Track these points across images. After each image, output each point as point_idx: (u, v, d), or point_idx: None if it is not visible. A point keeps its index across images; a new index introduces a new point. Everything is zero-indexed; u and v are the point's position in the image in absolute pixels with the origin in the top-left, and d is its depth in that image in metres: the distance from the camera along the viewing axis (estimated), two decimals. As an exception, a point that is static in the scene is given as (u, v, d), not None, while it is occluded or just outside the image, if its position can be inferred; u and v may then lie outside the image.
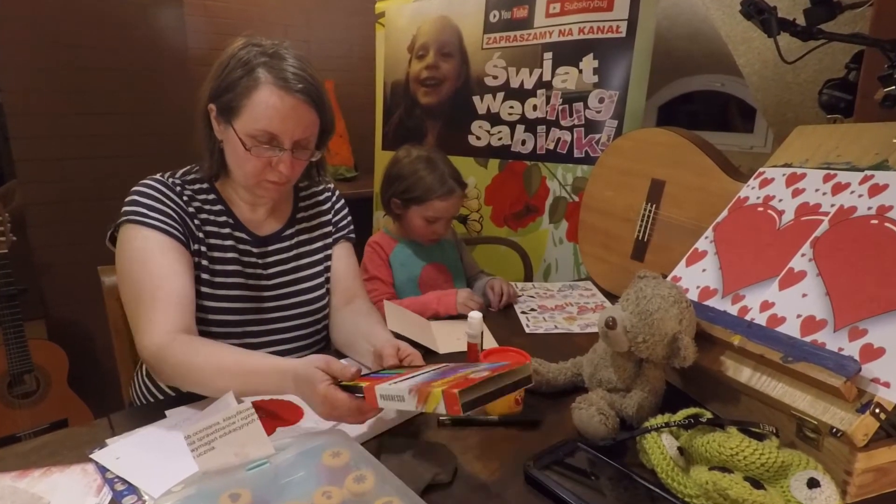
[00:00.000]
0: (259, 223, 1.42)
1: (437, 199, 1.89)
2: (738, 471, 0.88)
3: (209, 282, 1.32)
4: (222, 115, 1.26)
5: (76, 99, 2.88)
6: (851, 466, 0.88)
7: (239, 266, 1.36)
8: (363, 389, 0.97)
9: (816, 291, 1.02)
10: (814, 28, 1.53)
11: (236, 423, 0.91)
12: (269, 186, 1.31)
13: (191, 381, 1.15)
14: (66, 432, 1.11)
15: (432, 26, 2.98)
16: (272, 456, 0.91)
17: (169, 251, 1.25)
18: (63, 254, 2.91)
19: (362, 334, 1.35)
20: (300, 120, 1.25)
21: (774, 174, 1.31)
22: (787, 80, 2.48)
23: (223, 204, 1.38)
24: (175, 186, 1.32)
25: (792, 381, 0.97)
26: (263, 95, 1.21)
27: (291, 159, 1.27)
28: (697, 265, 1.28)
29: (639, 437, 0.99)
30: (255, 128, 1.22)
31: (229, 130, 1.25)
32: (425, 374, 0.99)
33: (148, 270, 1.22)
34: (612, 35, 2.45)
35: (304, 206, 1.51)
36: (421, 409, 0.88)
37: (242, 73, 1.22)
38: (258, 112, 1.21)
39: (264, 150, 1.24)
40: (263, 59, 1.23)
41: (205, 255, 1.32)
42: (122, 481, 0.95)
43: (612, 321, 1.08)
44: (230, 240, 1.36)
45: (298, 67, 1.24)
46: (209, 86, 1.27)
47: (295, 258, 1.45)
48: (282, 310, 1.41)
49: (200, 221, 1.33)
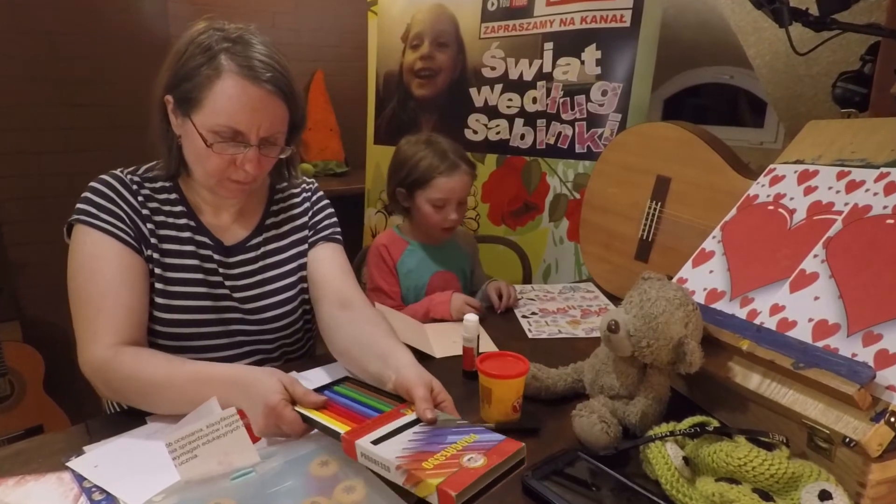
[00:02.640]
0: (223, 229, 1.37)
1: (441, 177, 1.86)
2: (747, 482, 0.88)
3: (163, 291, 1.27)
4: (180, 107, 1.21)
5: (51, 89, 2.87)
6: (865, 478, 0.88)
7: (200, 274, 1.31)
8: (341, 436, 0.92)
9: (829, 294, 1.02)
10: (827, 18, 1.53)
11: (220, 430, 0.91)
12: (233, 186, 1.26)
13: (138, 395, 1.13)
14: (41, 439, 1.11)
15: (427, 15, 2.98)
16: (258, 465, 0.91)
17: (118, 259, 1.21)
18: (38, 252, 2.90)
19: (374, 351, 1.19)
20: (267, 113, 1.19)
21: (785, 171, 1.31)
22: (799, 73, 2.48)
23: (185, 205, 1.33)
24: (132, 184, 1.28)
25: (803, 389, 0.96)
26: (226, 86, 1.15)
27: (258, 156, 1.22)
28: (704, 266, 1.28)
29: (642, 446, 0.98)
30: (216, 122, 1.17)
31: (188, 124, 1.20)
32: (407, 430, 0.95)
33: (95, 280, 1.19)
34: (615, 24, 2.45)
35: (276, 209, 1.45)
36: (409, 487, 0.83)
37: (203, 61, 1.16)
38: (220, 105, 1.16)
39: (227, 146, 1.19)
40: (226, 45, 1.17)
41: (158, 262, 1.27)
42: (100, 490, 0.95)
43: (615, 325, 1.08)
44: (190, 244, 1.31)
45: (266, 55, 1.18)
46: (165, 75, 1.22)
47: (261, 270, 1.39)
48: (246, 323, 1.36)
49: (156, 224, 1.28)
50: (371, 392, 1.12)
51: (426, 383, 1.02)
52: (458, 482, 0.80)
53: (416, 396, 0.99)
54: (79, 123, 2.96)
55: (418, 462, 0.84)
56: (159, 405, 1.13)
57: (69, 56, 2.89)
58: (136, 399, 1.14)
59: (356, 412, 1.03)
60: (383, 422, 0.96)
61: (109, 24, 2.95)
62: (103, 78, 2.99)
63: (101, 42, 2.94)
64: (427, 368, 1.08)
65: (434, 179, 1.86)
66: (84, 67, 2.93)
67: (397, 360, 1.11)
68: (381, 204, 3.21)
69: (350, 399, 1.08)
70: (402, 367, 1.08)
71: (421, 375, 1.04)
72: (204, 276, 1.32)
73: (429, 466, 0.83)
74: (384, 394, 1.10)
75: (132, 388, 1.13)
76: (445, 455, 0.86)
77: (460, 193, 1.90)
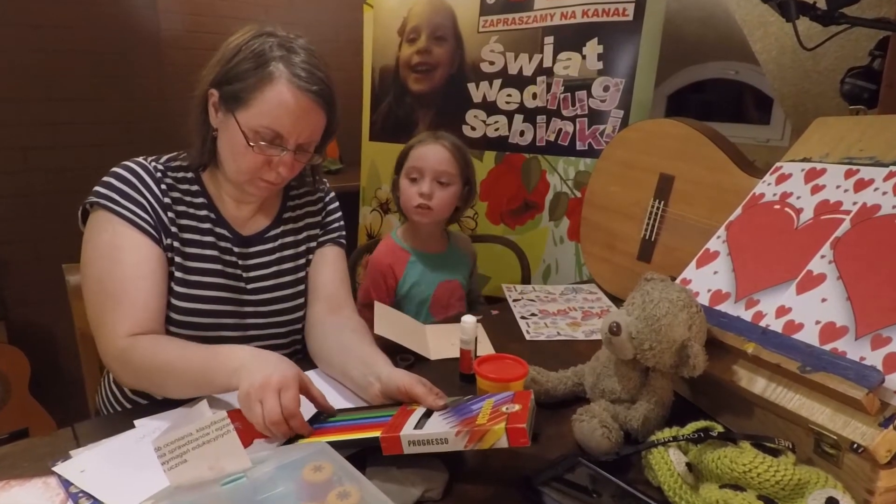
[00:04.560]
0: (243, 221, 1.41)
1: (418, 146, 1.88)
2: (752, 489, 0.88)
3: (183, 280, 1.30)
4: (225, 103, 1.26)
5: (39, 83, 2.87)
6: (873, 485, 0.88)
7: (219, 265, 1.35)
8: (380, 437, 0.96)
9: (837, 296, 1.02)
10: (835, 12, 1.53)
11: (211, 434, 0.90)
12: (262, 185, 1.31)
13: (157, 382, 1.18)
14: (26, 443, 1.11)
15: (424, 8, 2.97)
16: (249, 470, 0.91)
17: (139, 249, 1.24)
18: (25, 251, 2.90)
19: (355, 355, 1.27)
20: (310, 122, 1.27)
21: (792, 169, 1.31)
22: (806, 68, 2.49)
23: (206, 197, 1.37)
24: (156, 172, 1.32)
25: (810, 393, 0.97)
26: (277, 92, 1.22)
27: (293, 161, 1.29)
28: (708, 267, 1.28)
29: (644, 451, 0.98)
30: (261, 123, 1.23)
31: (230, 120, 1.25)
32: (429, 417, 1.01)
33: (114, 270, 1.22)
34: (618, 18, 2.45)
35: (293, 205, 1.50)
36: (472, 447, 0.92)
37: (256, 64, 1.23)
38: (268, 108, 1.22)
39: (266, 147, 1.25)
40: (280, 53, 1.24)
41: (178, 251, 1.31)
42: (87, 496, 0.94)
43: (617, 327, 1.08)
44: (210, 236, 1.35)
45: (314, 65, 1.26)
46: (214, 70, 1.27)
47: (277, 262, 1.44)
48: (260, 316, 1.40)
49: (177, 214, 1.32)
50: (365, 410, 1.15)
51: (419, 381, 1.09)
52: (519, 418, 0.91)
53: (419, 393, 1.06)
54: (67, 118, 2.96)
55: (471, 423, 0.94)
56: (179, 389, 1.18)
57: (56, 50, 2.89)
58: (156, 384, 1.20)
59: (363, 423, 1.05)
60: (404, 417, 1.01)
61: (98, 18, 2.95)
62: (91, 72, 2.98)
63: (90, 36, 2.94)
64: (423, 371, 1.11)
65: (410, 150, 1.89)
66: (72, 62, 2.93)
67: (380, 367, 1.18)
68: (376, 202, 3.21)
69: (351, 420, 1.10)
70: (388, 373, 1.15)
71: (410, 375, 1.11)
72: (222, 267, 1.36)
73: (483, 421, 0.93)
74: (378, 407, 1.14)
75: (151, 375, 1.18)
76: (486, 413, 0.97)
77: (434, 164, 1.85)
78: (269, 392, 1.01)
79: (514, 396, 1.02)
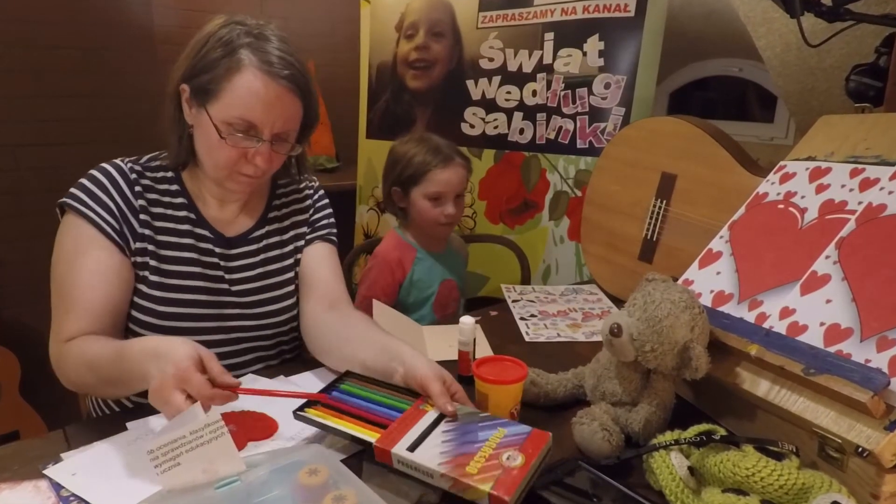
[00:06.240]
0: (227, 221, 1.40)
1: (436, 170, 1.91)
2: (755, 493, 0.88)
3: (160, 283, 1.30)
4: (196, 97, 1.25)
5: (29, 79, 2.86)
6: (878, 489, 0.88)
7: (198, 267, 1.34)
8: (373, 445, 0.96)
9: (841, 297, 1.02)
10: (841, 8, 1.54)
11: (204, 436, 0.90)
12: (242, 180, 1.30)
13: (87, 381, 1.19)
14: (16, 445, 1.11)
15: (423, 3, 2.97)
16: (243, 473, 0.91)
17: (99, 256, 1.25)
18: (14, 250, 2.89)
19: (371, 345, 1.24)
20: (284, 110, 1.25)
21: (796, 168, 1.31)
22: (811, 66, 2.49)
23: (186, 197, 1.36)
24: (131, 174, 1.31)
25: (814, 396, 0.97)
26: (246, 80, 1.20)
27: (270, 152, 1.26)
28: (711, 267, 1.28)
29: (646, 455, 0.99)
30: (232, 114, 1.21)
31: (202, 115, 1.24)
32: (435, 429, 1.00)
33: (71, 274, 1.24)
34: (619, 14, 2.45)
35: (279, 203, 1.49)
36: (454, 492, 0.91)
37: (223, 54, 1.21)
38: (238, 97, 1.21)
39: (240, 139, 1.23)
40: (248, 40, 1.22)
41: (153, 254, 1.30)
42: (79, 499, 0.94)
43: (618, 328, 1.08)
44: (189, 237, 1.34)
45: (285, 51, 1.23)
46: (184, 64, 1.26)
47: (263, 263, 1.43)
48: (245, 318, 1.39)
49: (152, 216, 1.31)
50: (377, 386, 1.15)
51: (438, 376, 1.08)
52: (508, 485, 0.87)
53: (433, 392, 1.05)
54: (57, 115, 2.95)
55: (461, 466, 0.90)
56: (104, 388, 1.21)
57: (48, 46, 2.88)
58: (88, 385, 1.22)
59: (371, 412, 1.06)
60: (409, 423, 1.01)
61: (91, 13, 2.94)
62: (84, 68, 2.97)
63: (82, 31, 2.93)
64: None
65: (429, 173, 1.92)
66: (63, 57, 2.92)
67: (401, 352, 1.16)
68: (373, 201, 3.21)
69: (359, 398, 1.11)
70: (408, 359, 1.13)
71: (432, 368, 1.10)
72: (202, 269, 1.35)
73: (473, 471, 0.90)
74: (390, 387, 1.14)
75: (80, 375, 1.19)
76: (484, 456, 0.93)
77: (457, 186, 1.94)
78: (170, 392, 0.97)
79: (527, 438, 0.97)
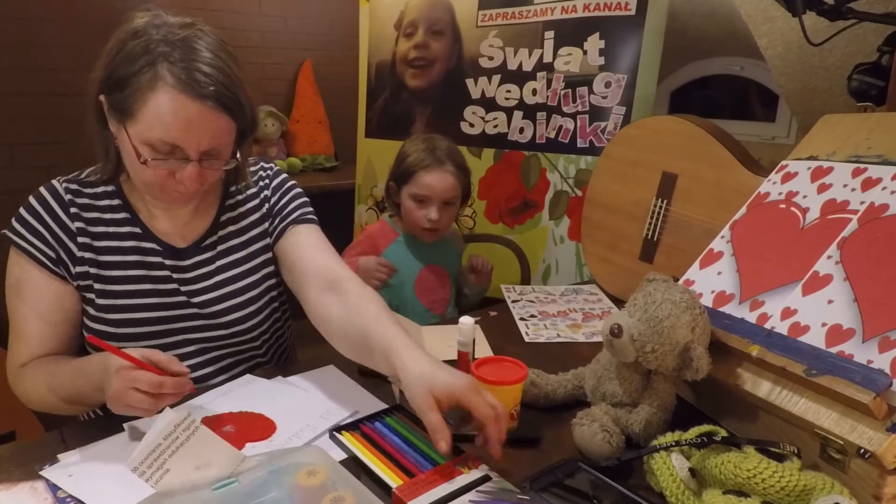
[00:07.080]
0: (176, 232, 1.34)
1: (422, 172, 1.92)
2: (756, 495, 0.88)
3: (109, 306, 1.27)
4: (115, 113, 1.15)
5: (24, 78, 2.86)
6: (881, 491, 0.88)
7: (149, 284, 1.30)
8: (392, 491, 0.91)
9: (844, 298, 1.02)
10: (843, 6, 1.54)
11: (180, 436, 0.90)
12: (176, 195, 1.21)
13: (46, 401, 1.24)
14: (12, 446, 1.11)
15: (422, 2, 2.97)
16: (241, 474, 0.91)
17: (38, 286, 1.27)
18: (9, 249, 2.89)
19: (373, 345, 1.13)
20: (208, 128, 1.13)
21: (798, 168, 1.31)
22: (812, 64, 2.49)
23: (129, 211, 1.30)
24: (66, 195, 1.29)
25: (816, 397, 0.97)
26: (162, 101, 1.09)
27: (199, 171, 1.16)
28: (712, 268, 1.28)
29: (646, 456, 0.98)
30: (152, 136, 1.11)
31: (122, 133, 1.14)
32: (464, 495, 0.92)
33: (19, 305, 1.27)
34: (620, 13, 2.45)
35: (233, 203, 1.40)
36: None
37: (139, 67, 1.09)
38: (156, 118, 1.09)
39: (163, 162, 1.14)
40: (165, 50, 1.10)
41: (96, 277, 1.27)
42: (76, 501, 0.94)
43: (618, 328, 1.08)
44: (134, 254, 1.29)
45: (211, 62, 1.11)
46: (100, 73, 1.17)
47: (219, 271, 1.36)
48: (209, 329, 1.35)
49: (93, 236, 1.27)
50: (422, 430, 1.05)
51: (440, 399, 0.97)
52: None
53: (429, 425, 0.95)
54: (54, 114, 2.95)
55: None
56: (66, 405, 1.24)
57: (44, 43, 2.88)
58: (50, 404, 1.25)
59: (404, 455, 1.03)
60: (437, 480, 0.94)
61: (87, 10, 2.94)
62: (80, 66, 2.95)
63: (78, 29, 2.93)
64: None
65: (416, 173, 1.93)
66: (60, 55, 2.92)
67: (401, 362, 1.05)
68: (371, 200, 3.20)
69: (399, 436, 1.08)
70: (408, 376, 1.02)
71: (431, 391, 0.97)
72: (153, 285, 1.30)
73: None
74: None
75: (42, 396, 1.23)
76: None
77: (441, 192, 1.93)
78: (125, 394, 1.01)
79: None
